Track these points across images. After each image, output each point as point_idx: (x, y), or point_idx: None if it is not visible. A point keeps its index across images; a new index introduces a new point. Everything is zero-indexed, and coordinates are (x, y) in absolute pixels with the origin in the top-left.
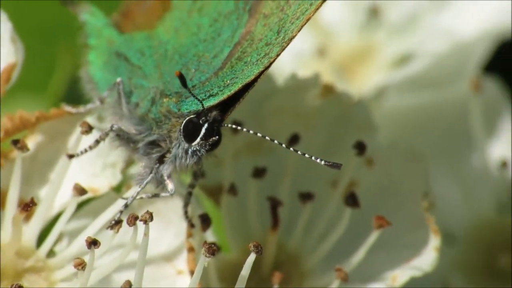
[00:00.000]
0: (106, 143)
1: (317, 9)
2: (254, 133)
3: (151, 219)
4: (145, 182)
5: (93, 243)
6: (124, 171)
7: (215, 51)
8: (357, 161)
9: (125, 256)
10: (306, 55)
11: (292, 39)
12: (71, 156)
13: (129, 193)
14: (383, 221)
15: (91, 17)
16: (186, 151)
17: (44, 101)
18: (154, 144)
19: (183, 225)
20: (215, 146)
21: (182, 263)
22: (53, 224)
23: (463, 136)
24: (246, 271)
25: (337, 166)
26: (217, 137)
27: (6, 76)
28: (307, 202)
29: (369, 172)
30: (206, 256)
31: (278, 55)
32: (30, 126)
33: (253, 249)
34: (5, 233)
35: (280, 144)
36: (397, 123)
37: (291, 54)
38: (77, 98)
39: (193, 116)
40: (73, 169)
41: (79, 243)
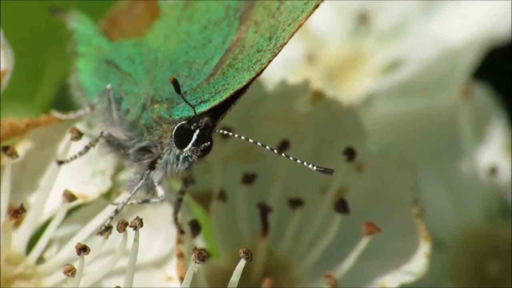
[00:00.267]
0: (95, 150)
1: (309, 16)
2: (245, 138)
3: (141, 225)
4: (136, 188)
5: (82, 250)
6: (114, 177)
7: (206, 57)
8: (347, 167)
9: (115, 262)
10: (295, 61)
11: (283, 45)
12: (60, 162)
13: (119, 199)
14: (373, 228)
15: (80, 25)
16: (177, 157)
17: (33, 108)
18: (145, 150)
19: (172, 232)
20: (206, 152)
21: (172, 269)
22: (42, 230)
23: (452, 142)
24: (236, 277)
25: (329, 171)
26: (208, 143)
27: None
28: (296, 208)
29: (359, 178)
30: (196, 262)
31: (269, 61)
32: (19, 132)
33: (243, 255)
34: None
35: (272, 150)
36: (386, 129)
37: (281, 60)
38: (66, 105)
39: (184, 122)
40: (62, 175)
41: (69, 250)
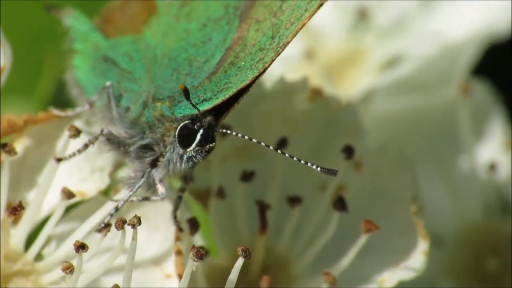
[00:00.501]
0: (94, 147)
1: (312, 15)
2: (249, 138)
3: (139, 223)
4: (137, 186)
5: (81, 247)
6: (112, 174)
7: (206, 55)
8: (346, 165)
9: (113, 260)
10: (294, 58)
11: (287, 44)
12: (59, 159)
13: (118, 196)
14: (371, 225)
15: (76, 22)
16: (181, 157)
17: (31, 105)
18: (146, 147)
19: (171, 229)
20: (210, 152)
21: (170, 267)
22: (41, 227)
23: (451, 139)
24: (234, 275)
25: (333, 172)
26: (213, 144)
27: None
28: (295, 205)
29: (357, 176)
30: (194, 260)
31: (272, 60)
32: (18, 129)
33: (241, 253)
34: None
35: (275, 150)
36: (385, 126)
37: (280, 57)
38: (64, 101)
39: (188, 121)
40: (61, 173)
41: (67, 247)
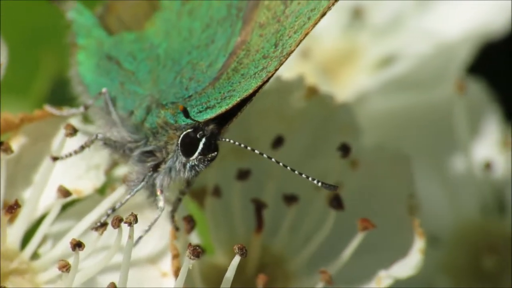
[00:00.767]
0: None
1: (316, 24)
2: (244, 146)
3: (136, 221)
4: (136, 189)
5: (77, 245)
6: (108, 172)
7: (209, 59)
8: (342, 163)
9: (110, 258)
10: (290, 56)
11: (290, 53)
12: (55, 158)
13: (116, 195)
14: (367, 223)
15: (79, 16)
16: (184, 165)
17: (27, 103)
18: (149, 153)
19: (167, 227)
20: (212, 160)
21: (166, 265)
22: (37, 226)
23: (447, 137)
24: (230, 273)
25: (334, 188)
26: (215, 153)
27: None
28: (291, 204)
29: (353, 174)
30: (190, 258)
31: (276, 69)
32: (14, 127)
33: (237, 251)
34: None
35: (269, 158)
36: (381, 125)
37: None
38: (60, 100)
39: (190, 130)
40: (57, 171)
41: (64, 245)
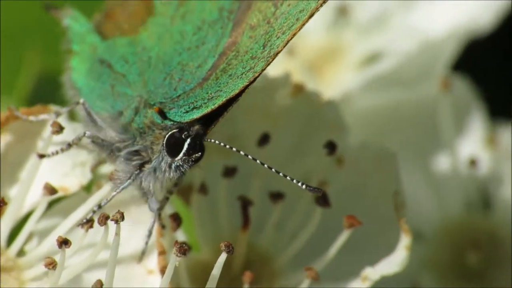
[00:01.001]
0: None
1: (303, 25)
2: (229, 147)
3: (122, 219)
4: (121, 187)
5: (64, 243)
6: (94, 169)
7: (199, 60)
8: (328, 161)
9: (96, 255)
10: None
11: (277, 54)
12: (41, 156)
13: (101, 192)
14: (353, 221)
15: (74, 22)
16: (169, 166)
17: (12, 101)
18: (136, 152)
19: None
20: (198, 161)
21: (152, 262)
22: (23, 223)
23: (432, 134)
24: (217, 270)
25: (318, 191)
26: (200, 154)
27: None
28: (277, 201)
29: (339, 172)
30: (177, 256)
31: (263, 70)
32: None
33: (224, 248)
34: None
35: (254, 159)
36: (366, 122)
37: None
38: (44, 98)
39: (175, 130)
40: (43, 168)
41: (50, 243)
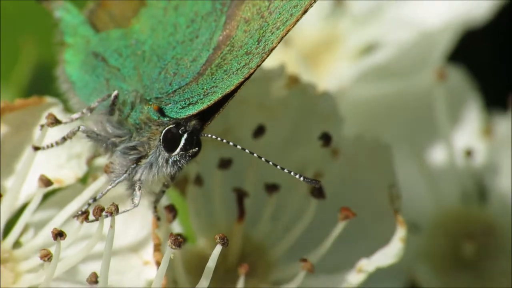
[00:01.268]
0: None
1: (297, 21)
2: (226, 141)
3: (117, 211)
4: (117, 181)
5: (59, 235)
6: (90, 162)
7: (193, 54)
8: (323, 152)
9: (91, 247)
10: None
11: (272, 50)
12: (36, 148)
13: (97, 185)
14: (348, 212)
15: (66, 14)
16: (166, 161)
17: (8, 92)
18: (132, 148)
19: (148, 216)
20: (194, 156)
21: (148, 254)
22: (19, 215)
23: (427, 125)
24: (212, 262)
25: (316, 182)
26: (197, 149)
27: None
28: (273, 193)
29: (334, 163)
30: (172, 247)
31: (258, 66)
32: None
33: (219, 241)
34: None
35: (251, 153)
36: (361, 113)
37: None
38: (41, 88)
39: (172, 126)
40: (38, 160)
41: (45, 234)
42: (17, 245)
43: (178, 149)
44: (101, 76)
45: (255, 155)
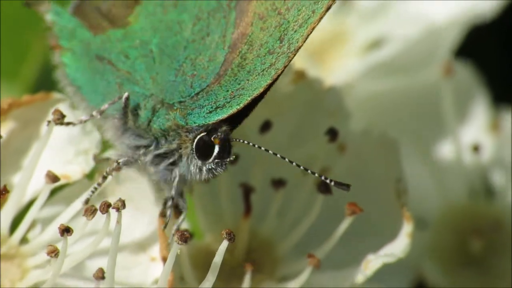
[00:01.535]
0: (78, 129)
1: (321, 18)
2: (258, 147)
3: (124, 206)
4: (170, 204)
5: (66, 231)
6: (97, 157)
7: (208, 53)
8: (329, 147)
9: (98, 243)
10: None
11: (298, 49)
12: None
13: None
14: (355, 208)
15: (58, 18)
16: (200, 169)
17: (16, 88)
18: (162, 156)
19: (155, 212)
20: (229, 162)
21: (155, 250)
22: (26, 211)
23: (434, 120)
24: (219, 258)
25: (346, 186)
26: (232, 157)
27: None
28: (279, 188)
29: (341, 158)
30: (178, 243)
31: (285, 66)
32: (2, 113)
33: (225, 236)
34: None
35: (282, 158)
36: (368, 108)
37: None
38: (49, 84)
39: (204, 134)
40: (45, 155)
41: (52, 230)
42: (24, 241)
43: (212, 157)
44: (111, 81)
45: (279, 155)
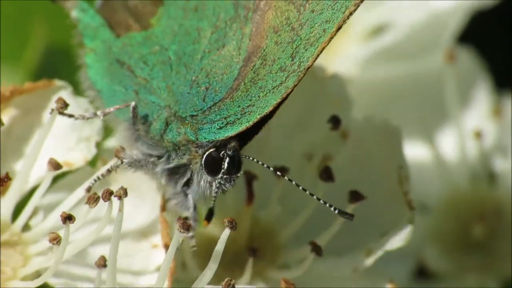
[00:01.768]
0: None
1: (332, 38)
2: (267, 166)
3: (126, 194)
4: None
5: (68, 218)
6: (99, 144)
7: (223, 65)
8: (332, 135)
9: (100, 231)
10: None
11: (308, 68)
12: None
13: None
14: (357, 195)
15: (83, 15)
16: (210, 184)
17: (18, 74)
18: (175, 171)
19: (157, 200)
20: (237, 178)
21: (157, 237)
22: (28, 198)
23: (437, 107)
24: (221, 246)
25: (351, 216)
26: (240, 173)
27: None
28: (281, 176)
29: (343, 146)
30: (180, 231)
31: (295, 85)
32: (4, 100)
33: (227, 224)
34: None
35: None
36: (371, 95)
37: None
38: (51, 71)
39: (213, 150)
40: (48, 143)
41: (55, 217)
42: (26, 228)
43: (220, 174)
44: (129, 87)
45: (301, 187)
